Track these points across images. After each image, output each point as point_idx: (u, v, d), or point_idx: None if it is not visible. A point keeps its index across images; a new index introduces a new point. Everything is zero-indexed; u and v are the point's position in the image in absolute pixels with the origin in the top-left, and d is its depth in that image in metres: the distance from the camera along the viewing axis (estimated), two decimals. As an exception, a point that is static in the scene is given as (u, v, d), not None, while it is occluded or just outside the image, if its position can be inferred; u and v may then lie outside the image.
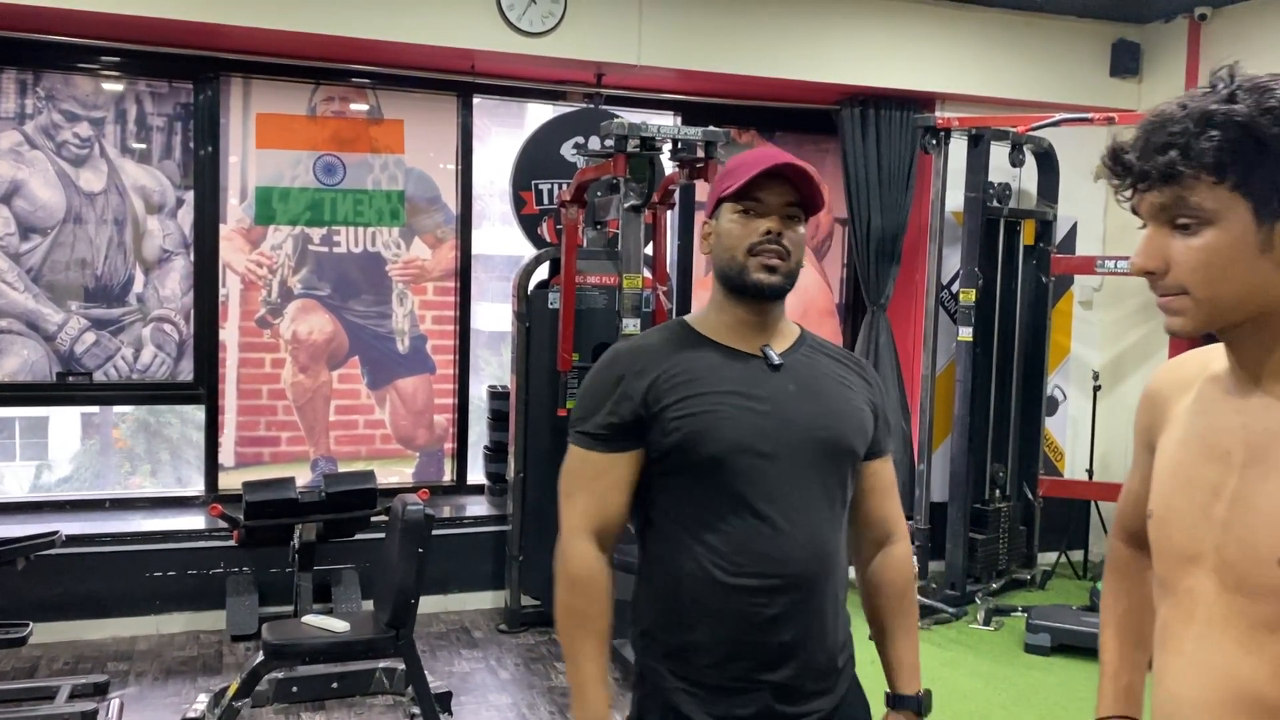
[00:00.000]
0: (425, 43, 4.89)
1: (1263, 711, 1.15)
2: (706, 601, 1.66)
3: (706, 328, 1.75)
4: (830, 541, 1.69)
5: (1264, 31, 5.48)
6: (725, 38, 5.35)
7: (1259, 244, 1.13)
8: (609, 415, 1.70)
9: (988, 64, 5.85)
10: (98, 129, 5.04)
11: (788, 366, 1.72)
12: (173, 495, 5.40)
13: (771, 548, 1.64)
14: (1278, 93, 1.11)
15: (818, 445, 1.68)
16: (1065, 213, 6.02)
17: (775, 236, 1.67)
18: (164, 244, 5.17)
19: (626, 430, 1.69)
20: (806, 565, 1.65)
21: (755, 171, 1.66)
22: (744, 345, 1.72)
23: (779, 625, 1.64)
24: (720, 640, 1.66)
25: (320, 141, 5.35)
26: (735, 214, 1.70)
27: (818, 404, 1.71)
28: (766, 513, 1.64)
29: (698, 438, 1.65)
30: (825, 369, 1.76)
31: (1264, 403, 1.19)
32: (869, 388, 1.80)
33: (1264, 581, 1.14)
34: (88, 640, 4.73)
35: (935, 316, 5.66)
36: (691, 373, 1.69)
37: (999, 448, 5.82)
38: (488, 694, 4.33)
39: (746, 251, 1.68)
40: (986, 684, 4.45)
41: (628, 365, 1.72)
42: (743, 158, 1.73)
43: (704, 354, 1.71)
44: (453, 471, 5.72)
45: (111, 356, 5.11)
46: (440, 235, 5.58)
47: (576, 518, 1.73)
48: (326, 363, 5.44)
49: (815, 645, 1.68)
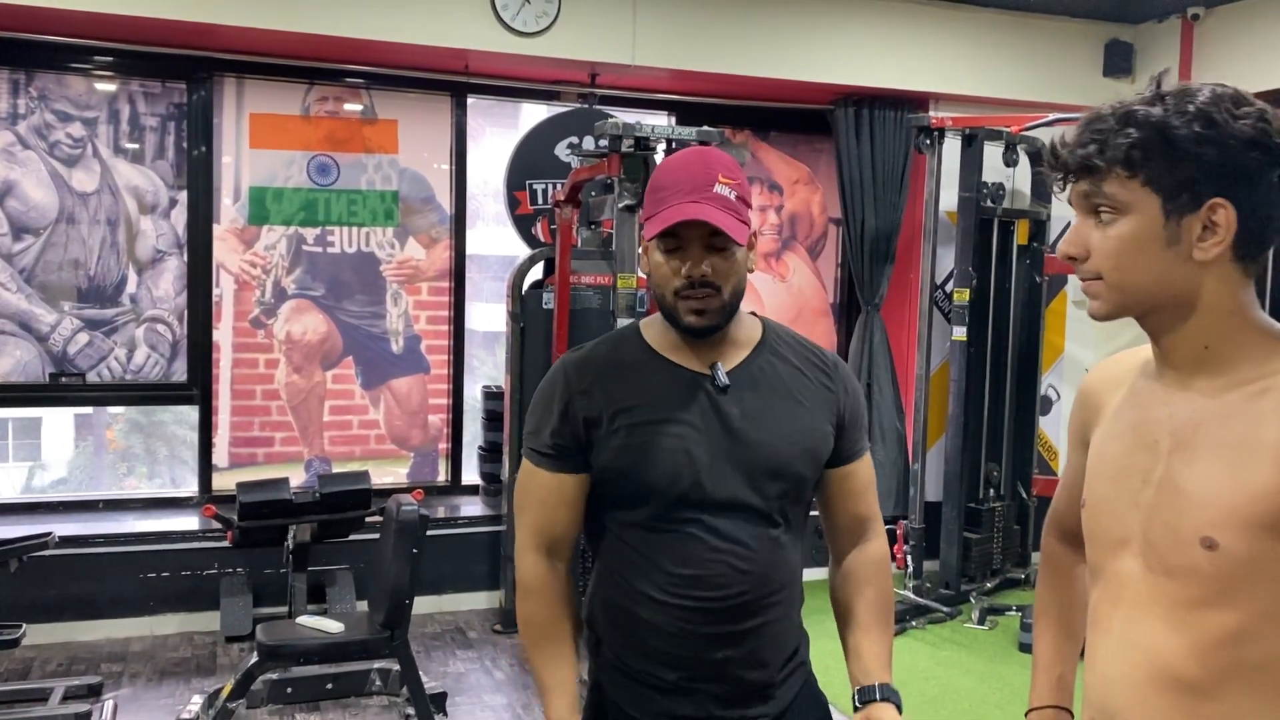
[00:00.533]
0: (419, 42, 4.88)
1: (1182, 688, 1.20)
2: (645, 615, 1.67)
3: (657, 340, 1.71)
4: (771, 563, 1.67)
5: (1256, 31, 5.49)
6: (719, 38, 5.36)
7: (1167, 237, 1.21)
8: (553, 435, 1.69)
9: (981, 64, 5.86)
10: (90, 129, 5.03)
11: (736, 387, 1.66)
12: (166, 496, 5.39)
13: (706, 574, 1.63)
14: (1198, 98, 1.19)
15: (760, 473, 1.64)
16: (1059, 212, 6.03)
17: (698, 280, 1.60)
18: (157, 244, 5.16)
19: (570, 452, 1.68)
20: (743, 590, 1.64)
21: (666, 210, 1.58)
22: (693, 363, 1.67)
23: (713, 647, 1.65)
24: (660, 652, 1.67)
25: (314, 141, 5.34)
26: (659, 249, 1.63)
27: (764, 428, 1.65)
28: (703, 540, 1.63)
29: (636, 468, 1.64)
30: (780, 383, 1.69)
31: (1185, 394, 1.25)
32: (831, 394, 1.73)
33: (1185, 561, 1.20)
34: (81, 642, 4.72)
35: (929, 316, 5.66)
36: (635, 396, 1.66)
37: (993, 447, 5.83)
38: (482, 694, 4.33)
39: (674, 294, 1.62)
40: (981, 682, 4.45)
41: (574, 383, 1.69)
42: (663, 176, 1.64)
43: (651, 373, 1.68)
44: (447, 472, 5.71)
45: (105, 357, 5.10)
46: (434, 235, 5.57)
47: (525, 533, 1.74)
48: (320, 363, 5.43)
49: (751, 662, 1.68)
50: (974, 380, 5.66)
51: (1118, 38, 6.08)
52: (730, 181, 1.60)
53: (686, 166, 1.63)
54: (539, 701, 1.71)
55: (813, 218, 6.26)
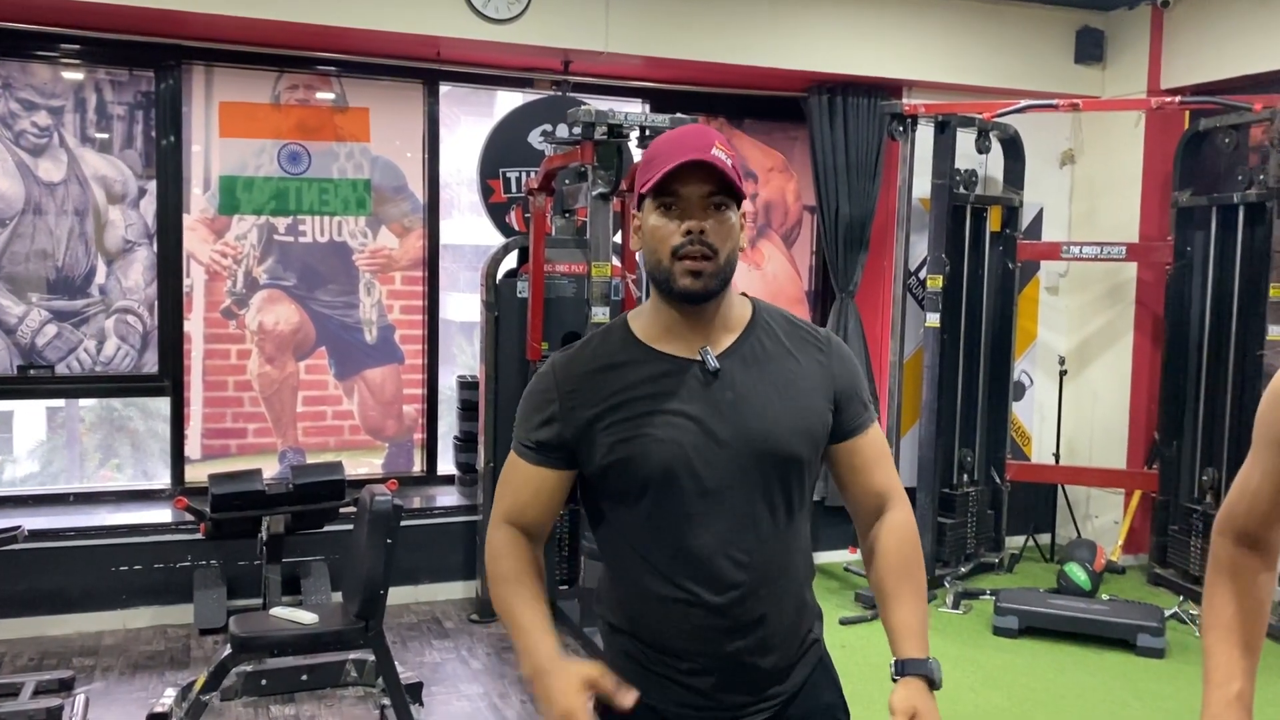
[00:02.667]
0: (390, 29, 4.85)
1: None
2: (648, 607, 1.67)
3: (644, 330, 1.69)
4: (775, 547, 1.67)
5: (1226, 18, 5.52)
6: (693, 25, 5.34)
7: None
8: (536, 432, 1.70)
9: (954, 51, 5.87)
10: (56, 118, 4.96)
11: (727, 370, 1.65)
12: (138, 489, 5.34)
13: (705, 565, 1.63)
14: None
15: (756, 458, 1.63)
16: (1031, 199, 6.06)
17: (697, 236, 1.58)
18: (126, 234, 5.10)
19: (552, 448, 1.69)
20: (748, 577, 1.64)
21: (668, 167, 1.57)
22: (682, 349, 1.66)
23: (722, 637, 1.65)
24: (670, 640, 1.68)
25: (285, 130, 5.29)
26: (657, 211, 1.62)
27: (757, 412, 1.64)
28: (700, 531, 1.63)
29: (629, 462, 1.63)
30: (772, 365, 1.68)
31: None
32: (825, 369, 1.71)
33: None
34: (52, 636, 4.67)
35: (903, 303, 5.69)
36: (625, 391, 1.65)
37: (967, 433, 5.87)
38: (459, 684, 4.32)
39: (671, 255, 1.60)
40: (955, 666, 4.48)
41: (561, 383, 1.69)
42: (660, 145, 1.64)
43: (639, 365, 1.67)
44: (423, 462, 5.69)
45: (74, 349, 5.05)
46: (407, 224, 5.54)
47: (498, 514, 1.76)
48: (293, 353, 5.39)
49: (764, 648, 1.68)
50: (947, 366, 5.69)
51: (1089, 24, 6.11)
52: (727, 150, 1.61)
53: (685, 135, 1.63)
54: (516, 644, 1.66)
55: (787, 205, 6.27)
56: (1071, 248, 5.85)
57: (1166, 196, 5.75)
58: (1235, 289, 5.34)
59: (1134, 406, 6.11)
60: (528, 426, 1.71)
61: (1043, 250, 6.06)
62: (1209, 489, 5.39)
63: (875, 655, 4.55)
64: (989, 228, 5.89)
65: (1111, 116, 6.13)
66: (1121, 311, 6.17)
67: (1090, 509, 6.35)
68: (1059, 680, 4.41)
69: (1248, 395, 5.22)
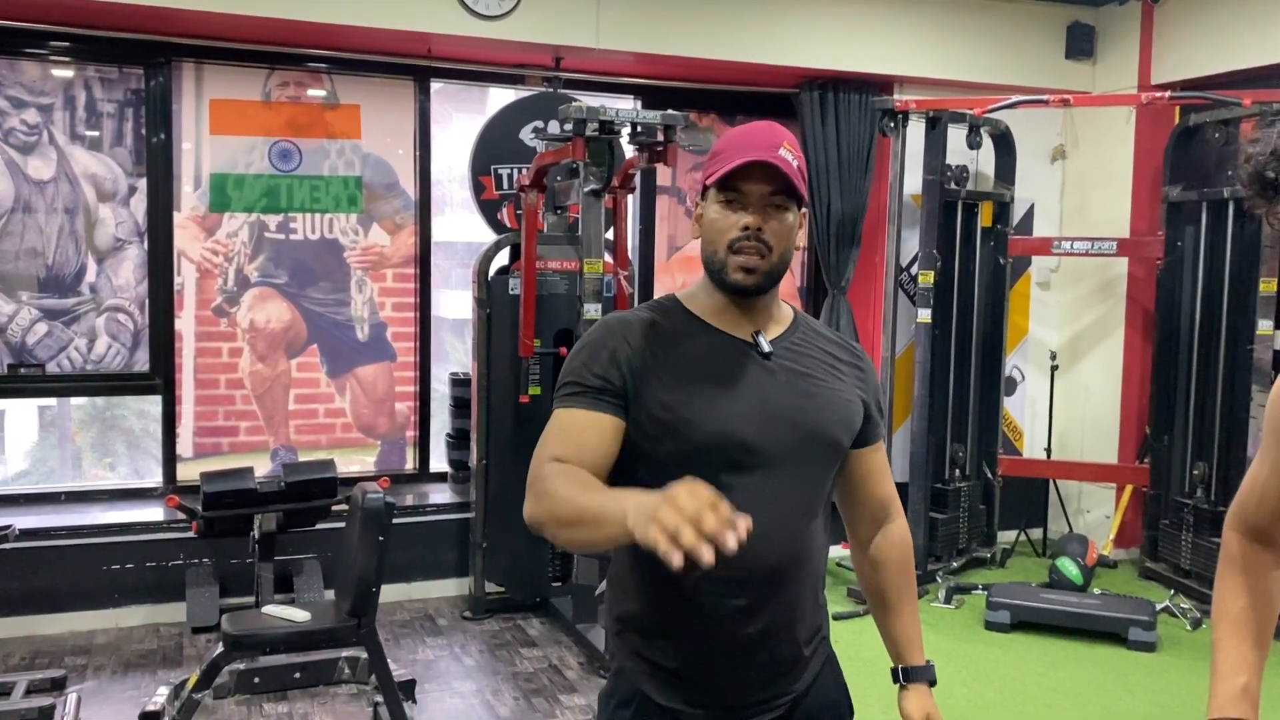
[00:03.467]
0: (381, 26, 4.83)
1: None
2: (675, 590, 1.64)
3: (699, 307, 1.72)
4: (805, 533, 1.68)
5: (1215, 14, 5.54)
6: (684, 21, 5.34)
7: None
8: (598, 373, 1.63)
9: (945, 47, 5.88)
10: (46, 116, 4.95)
11: (778, 355, 1.69)
12: (130, 487, 5.33)
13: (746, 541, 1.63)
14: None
15: (801, 437, 1.66)
16: (1022, 194, 6.08)
17: (754, 233, 1.62)
18: (117, 232, 5.09)
19: (611, 394, 1.63)
20: (779, 557, 1.64)
21: (734, 162, 1.61)
22: (735, 330, 1.69)
23: (747, 617, 1.64)
24: (687, 629, 1.66)
25: (275, 127, 5.28)
26: (719, 203, 1.65)
27: (805, 395, 1.68)
28: (742, 504, 1.62)
29: (681, 424, 1.62)
30: (817, 357, 1.73)
31: None
32: (862, 377, 1.78)
33: None
34: (44, 635, 4.66)
35: (895, 298, 5.69)
36: (680, 355, 1.66)
37: (958, 428, 5.88)
38: (452, 681, 4.32)
39: (726, 248, 1.63)
40: (947, 661, 4.49)
41: (620, 334, 1.67)
42: (730, 139, 1.67)
43: (694, 337, 1.68)
44: (415, 459, 5.69)
45: (65, 348, 5.03)
46: (399, 221, 5.53)
47: (547, 456, 1.59)
48: (285, 351, 5.38)
49: (784, 636, 1.68)
50: (939, 362, 5.70)
51: (1079, 20, 6.12)
52: (794, 151, 1.65)
53: (755, 131, 1.66)
54: (601, 520, 1.41)
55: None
56: (1062, 243, 5.87)
57: (1157, 192, 5.76)
58: (1225, 283, 5.36)
59: (1125, 401, 6.12)
60: (587, 371, 1.64)
61: (1034, 245, 6.07)
62: (1200, 483, 5.40)
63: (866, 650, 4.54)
64: (980, 223, 5.90)
65: (1102, 112, 6.14)
66: (1112, 306, 6.19)
67: (1082, 503, 6.37)
68: (1051, 675, 4.42)
69: (1238, 389, 5.24)
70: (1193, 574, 5.39)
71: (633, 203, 5.55)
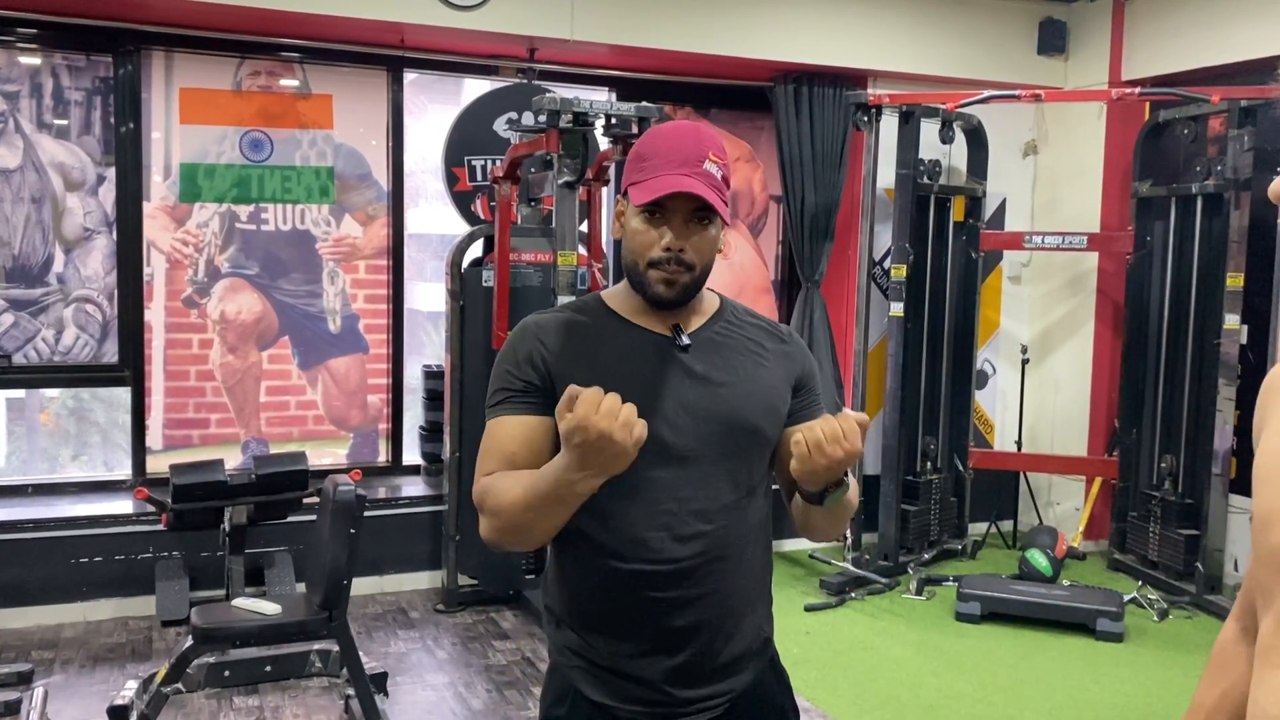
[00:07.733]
0: (354, 15, 4.80)
1: None
2: (603, 585, 1.65)
3: (620, 304, 1.72)
4: (732, 527, 1.67)
5: (1185, 11, 5.59)
6: (659, 13, 5.34)
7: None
8: (520, 376, 1.66)
9: (918, 42, 5.90)
10: (12, 103, 4.88)
11: (697, 347, 1.68)
12: (99, 480, 5.27)
13: (666, 536, 1.62)
14: None
15: (721, 429, 1.65)
16: (994, 189, 6.11)
17: (675, 254, 1.61)
18: (85, 222, 5.03)
19: (536, 394, 1.65)
20: (704, 550, 1.63)
21: (657, 190, 1.58)
22: (655, 325, 1.69)
23: (673, 612, 1.63)
24: (616, 624, 1.66)
25: (246, 117, 5.23)
26: (640, 215, 1.63)
27: (724, 388, 1.67)
28: (662, 501, 1.62)
29: None
30: (738, 347, 1.72)
31: None
32: (788, 355, 1.76)
33: None
34: (11, 629, 4.61)
35: (867, 292, 5.72)
36: (598, 354, 1.66)
37: (930, 421, 5.91)
38: (424, 674, 4.31)
39: (648, 264, 1.63)
40: (918, 652, 4.53)
41: (535, 336, 1.68)
42: (654, 145, 1.64)
43: (613, 334, 1.69)
44: (388, 452, 5.66)
45: (31, 338, 4.98)
46: (372, 212, 5.50)
47: (485, 470, 1.65)
48: (256, 343, 5.34)
49: (713, 632, 1.66)
50: (911, 355, 5.73)
51: (1051, 16, 6.16)
52: (719, 160, 1.62)
53: (680, 137, 1.63)
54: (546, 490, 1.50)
55: (754, 195, 6.28)
56: (1034, 237, 5.91)
57: (1127, 187, 5.81)
58: (1194, 278, 5.42)
59: (1095, 394, 6.18)
60: (510, 375, 1.67)
61: (1005, 240, 6.11)
62: (1168, 475, 5.46)
63: (839, 641, 4.58)
64: (953, 217, 5.94)
65: (1073, 107, 6.19)
66: (1083, 300, 6.24)
67: (1052, 496, 6.42)
68: (1020, 665, 4.46)
69: (1205, 383, 5.30)
70: (1160, 565, 5.45)
71: (607, 195, 5.53)
